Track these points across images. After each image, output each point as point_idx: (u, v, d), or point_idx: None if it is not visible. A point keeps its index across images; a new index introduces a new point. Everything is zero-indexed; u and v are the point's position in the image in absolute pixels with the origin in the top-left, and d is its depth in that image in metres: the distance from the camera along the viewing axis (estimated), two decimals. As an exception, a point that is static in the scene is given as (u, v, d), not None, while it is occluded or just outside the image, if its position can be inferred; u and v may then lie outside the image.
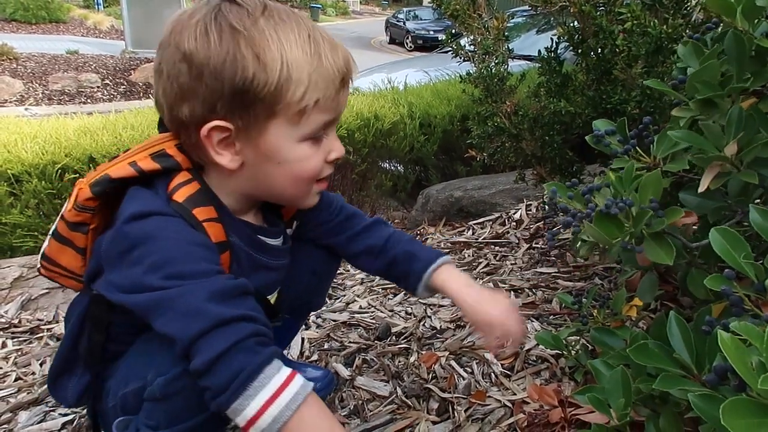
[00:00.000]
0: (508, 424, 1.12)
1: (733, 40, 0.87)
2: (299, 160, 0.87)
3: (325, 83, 0.84)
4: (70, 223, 0.87)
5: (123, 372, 0.90)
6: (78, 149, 2.36)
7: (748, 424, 0.52)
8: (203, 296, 0.75)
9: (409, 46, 19.40)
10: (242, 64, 0.78)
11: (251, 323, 0.77)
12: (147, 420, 0.83)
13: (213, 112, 0.81)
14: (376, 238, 1.09)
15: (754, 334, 0.57)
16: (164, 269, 0.76)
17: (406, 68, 5.57)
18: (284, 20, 0.82)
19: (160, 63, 0.83)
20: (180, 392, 0.80)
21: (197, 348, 0.74)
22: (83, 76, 8.82)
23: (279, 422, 0.74)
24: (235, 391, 0.73)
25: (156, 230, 0.79)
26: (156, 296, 0.76)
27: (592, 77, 1.66)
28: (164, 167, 0.86)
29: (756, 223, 0.78)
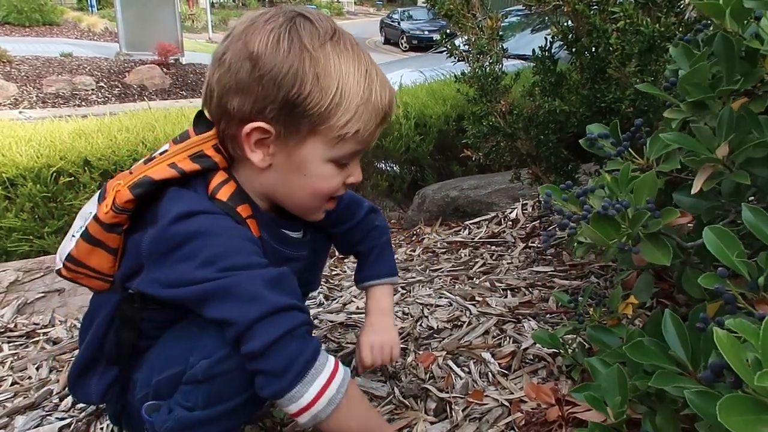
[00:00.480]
0: (506, 423, 1.12)
1: (722, 42, 0.88)
2: (322, 177, 0.93)
3: (369, 117, 0.91)
4: (106, 225, 0.89)
5: (156, 361, 0.94)
6: (73, 152, 2.36)
7: (745, 421, 0.53)
8: (260, 284, 0.81)
9: (404, 46, 19.42)
10: (302, 80, 0.84)
11: (302, 313, 0.84)
12: (183, 402, 0.87)
13: (261, 113, 0.86)
14: (362, 229, 1.21)
15: (749, 330, 0.58)
16: (218, 263, 0.81)
17: (401, 68, 5.59)
18: (348, 50, 0.89)
19: (224, 53, 0.88)
20: (222, 374, 0.85)
21: (253, 332, 0.79)
22: (77, 79, 8.79)
23: (333, 404, 0.83)
24: (294, 377, 0.80)
25: (205, 228, 0.84)
26: (212, 286, 0.80)
27: (586, 76, 1.67)
28: (204, 168, 0.90)
29: (748, 221, 0.79)
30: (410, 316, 1.62)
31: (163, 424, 0.88)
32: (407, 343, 1.47)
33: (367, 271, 1.21)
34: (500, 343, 1.41)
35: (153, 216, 0.87)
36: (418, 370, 1.34)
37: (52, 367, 1.52)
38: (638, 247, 0.92)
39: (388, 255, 1.24)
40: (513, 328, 1.46)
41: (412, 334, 1.50)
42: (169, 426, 0.87)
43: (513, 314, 1.53)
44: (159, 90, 9.10)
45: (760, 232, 0.78)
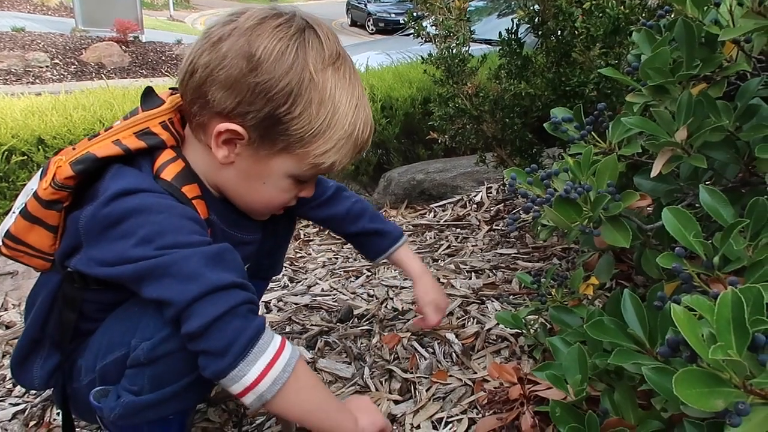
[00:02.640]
0: (469, 402, 1.14)
1: (683, 27, 0.89)
2: (279, 189, 0.93)
3: (347, 151, 0.90)
4: (45, 201, 0.84)
5: (99, 345, 0.90)
6: (26, 130, 2.27)
7: (699, 393, 0.55)
8: (198, 262, 0.78)
9: (370, 28, 19.24)
10: (294, 100, 0.83)
11: (243, 291, 0.80)
12: (130, 386, 0.84)
13: (241, 116, 0.84)
14: (338, 207, 1.19)
15: (705, 307, 0.59)
16: (156, 241, 0.78)
17: (368, 51, 5.53)
18: (345, 79, 0.88)
19: (222, 39, 0.83)
20: (165, 356, 0.82)
21: (192, 311, 0.76)
22: (30, 55, 8.43)
23: (278, 384, 0.80)
24: (236, 356, 0.77)
25: (145, 205, 0.81)
26: (149, 264, 0.77)
27: (551, 59, 1.68)
28: (150, 145, 0.87)
29: (706, 203, 0.81)
30: (375, 298, 1.62)
31: (111, 411, 0.84)
32: (372, 324, 1.47)
33: (385, 241, 1.22)
34: (464, 324, 1.43)
35: (93, 193, 0.83)
36: (383, 351, 1.34)
37: (5, 352, 1.47)
38: (599, 230, 0.94)
39: (384, 220, 1.25)
40: (477, 309, 1.48)
41: (377, 315, 1.51)
42: (118, 412, 0.84)
43: (477, 295, 1.55)
44: (118, 68, 8.80)
45: (717, 214, 0.80)
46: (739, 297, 0.57)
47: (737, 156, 0.93)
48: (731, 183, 0.97)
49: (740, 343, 0.55)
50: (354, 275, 1.83)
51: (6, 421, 1.24)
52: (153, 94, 0.92)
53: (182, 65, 0.88)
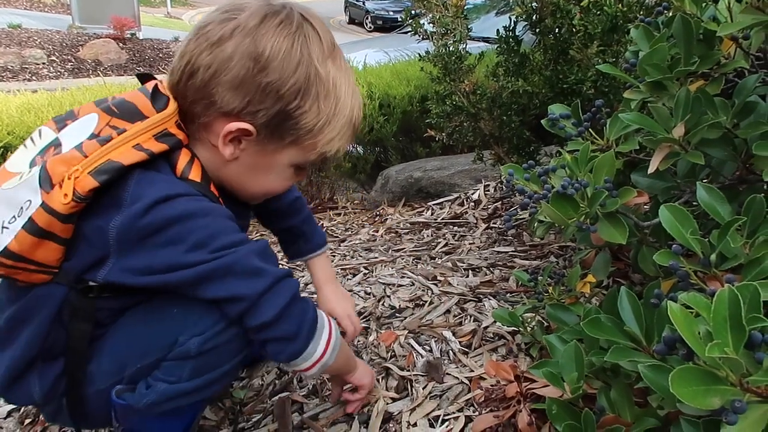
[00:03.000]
0: (466, 399, 1.14)
1: (681, 23, 0.89)
2: (281, 178, 0.95)
3: (347, 136, 0.94)
4: (64, 216, 0.77)
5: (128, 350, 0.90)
6: (21, 127, 2.26)
7: (695, 392, 0.54)
8: (255, 259, 0.83)
9: (368, 26, 19.21)
10: (305, 96, 0.85)
11: (294, 278, 0.88)
12: (165, 377, 0.88)
13: (251, 115, 0.84)
14: (283, 199, 1.19)
15: (702, 304, 0.59)
16: (210, 245, 0.81)
17: (366, 48, 5.53)
18: (342, 68, 0.90)
19: (223, 40, 0.83)
20: (215, 348, 0.87)
21: (262, 303, 0.83)
22: (27, 52, 8.40)
23: (336, 350, 0.93)
24: (306, 337, 0.87)
25: (189, 211, 0.81)
26: (208, 267, 0.80)
27: (549, 57, 1.68)
28: (170, 147, 0.85)
29: (703, 200, 0.81)
30: (372, 296, 1.62)
31: (142, 399, 0.87)
32: (369, 322, 1.47)
33: (307, 245, 1.23)
34: (461, 321, 1.42)
35: (115, 201, 0.79)
36: (379, 348, 1.34)
37: (1, 350, 1.46)
38: (596, 226, 0.93)
39: (316, 224, 1.26)
40: (474, 307, 1.48)
41: (374, 313, 1.50)
42: (151, 399, 0.87)
43: (474, 293, 1.55)
44: (115, 65, 8.78)
45: (714, 211, 0.80)
46: (736, 295, 0.57)
47: (735, 153, 0.93)
48: (728, 180, 0.97)
49: (737, 341, 0.55)
50: (351, 273, 1.82)
51: (1, 419, 1.23)
52: (159, 92, 0.88)
53: (176, 65, 0.86)
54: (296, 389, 1.24)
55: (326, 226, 2.50)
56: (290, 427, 1.12)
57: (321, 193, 2.98)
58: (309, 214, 1.25)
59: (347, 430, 1.10)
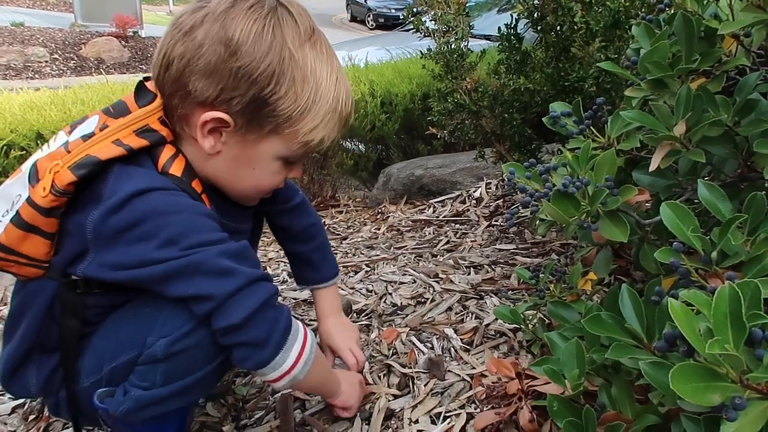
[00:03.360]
0: (467, 396, 1.14)
1: (682, 21, 0.89)
2: (269, 173, 0.92)
3: (333, 126, 0.90)
4: (45, 209, 0.79)
5: (105, 347, 0.89)
6: (24, 125, 2.27)
7: (696, 388, 0.55)
8: (227, 259, 0.80)
9: (370, 24, 19.19)
10: (278, 80, 0.82)
11: (270, 283, 0.84)
12: (140, 381, 0.85)
13: (225, 103, 0.82)
14: (296, 223, 1.19)
15: (702, 301, 0.59)
16: (181, 242, 0.79)
17: (368, 46, 5.52)
18: (323, 53, 0.87)
19: (194, 28, 0.82)
20: (183, 351, 0.83)
21: (230, 305, 0.79)
22: (30, 50, 8.42)
23: (308, 364, 0.88)
24: (276, 346, 0.83)
25: (162, 206, 0.80)
26: (178, 263, 0.78)
27: (550, 54, 1.68)
28: (151, 142, 0.85)
29: (704, 197, 0.81)
30: (374, 293, 1.62)
31: (119, 406, 0.85)
32: (371, 319, 1.47)
33: (314, 275, 1.21)
34: (463, 319, 1.43)
35: (95, 196, 0.80)
36: (381, 346, 1.35)
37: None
38: (597, 224, 0.93)
39: (329, 254, 1.24)
40: (475, 305, 1.48)
41: (376, 311, 1.51)
42: (127, 407, 0.85)
43: (476, 291, 1.55)
44: (117, 63, 8.79)
45: (715, 208, 0.80)
46: (737, 291, 0.57)
47: (736, 151, 0.93)
48: (730, 178, 0.97)
49: (737, 338, 0.55)
50: (353, 270, 1.83)
51: (5, 415, 1.24)
52: (145, 89, 0.89)
53: (154, 59, 0.86)
54: (298, 386, 1.25)
55: (328, 223, 2.51)
56: (292, 424, 1.12)
57: (323, 191, 2.99)
58: (323, 243, 1.22)
59: (349, 427, 1.11)
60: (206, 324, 0.82)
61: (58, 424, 1.20)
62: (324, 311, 1.21)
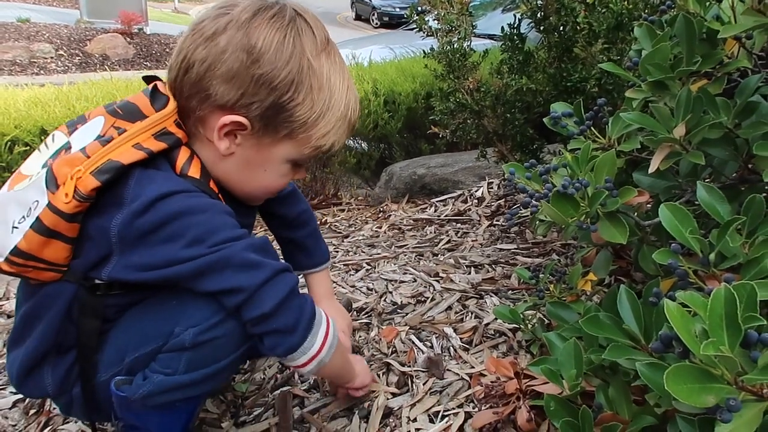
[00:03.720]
0: (466, 396, 1.14)
1: (684, 23, 0.89)
2: (278, 175, 0.96)
3: (343, 132, 0.95)
4: (68, 215, 0.80)
5: (128, 339, 0.92)
6: (28, 121, 2.28)
7: (690, 389, 0.55)
8: (254, 252, 0.84)
9: (375, 22, 19.19)
10: (298, 88, 0.86)
11: (293, 273, 0.88)
12: (162, 368, 0.88)
13: (244, 108, 0.85)
14: (289, 211, 1.21)
15: (698, 302, 0.59)
16: (208, 240, 0.82)
17: (371, 45, 5.52)
18: (336, 63, 0.92)
19: (217, 33, 0.84)
20: (210, 341, 0.87)
21: (261, 295, 0.83)
22: (35, 46, 8.45)
23: (333, 348, 0.92)
24: (305, 330, 0.87)
25: (187, 207, 0.82)
26: (207, 260, 0.81)
27: (553, 55, 1.68)
28: (169, 145, 0.87)
29: (703, 200, 0.81)
30: (374, 292, 1.63)
31: (137, 390, 0.88)
32: (371, 318, 1.47)
33: (308, 260, 1.24)
34: (462, 318, 1.43)
35: (116, 200, 0.82)
36: (381, 344, 1.35)
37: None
38: (596, 225, 0.94)
39: (321, 240, 1.26)
40: (475, 304, 1.48)
41: (376, 309, 1.51)
42: (147, 390, 0.88)
43: (476, 290, 1.55)
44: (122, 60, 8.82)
45: (714, 210, 0.80)
46: (732, 293, 0.57)
47: (736, 153, 0.92)
48: (730, 180, 0.97)
49: (732, 340, 0.56)
50: (354, 269, 1.83)
51: (6, 409, 1.25)
52: (158, 92, 0.90)
53: (173, 61, 0.88)
54: (297, 383, 1.25)
55: (330, 221, 2.51)
56: (291, 421, 1.13)
57: (325, 189, 2.99)
58: (315, 229, 1.25)
59: (347, 424, 1.11)
60: (234, 315, 0.85)
61: (58, 419, 1.21)
62: (318, 294, 1.23)
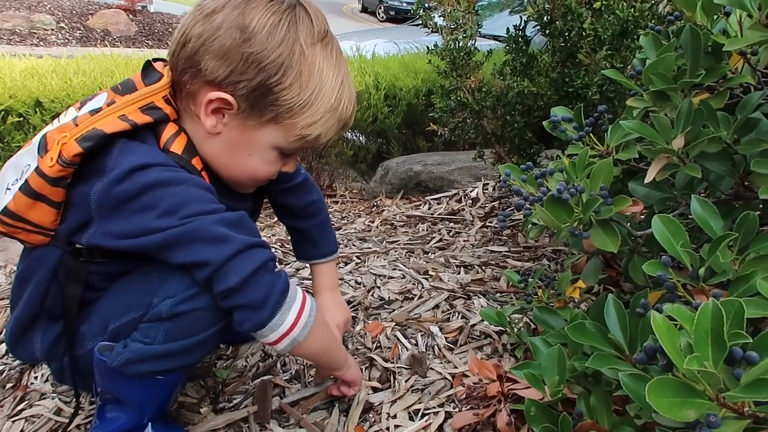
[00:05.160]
0: (447, 395, 1.14)
1: (690, 34, 0.88)
2: (264, 162, 0.95)
3: (331, 125, 0.94)
4: (52, 179, 0.84)
5: (112, 309, 0.93)
6: (24, 91, 2.25)
7: (672, 403, 0.54)
8: (225, 226, 0.83)
9: (381, 16, 19.11)
10: (285, 71, 0.86)
11: (267, 249, 0.87)
12: (141, 337, 0.89)
13: (232, 85, 0.86)
14: (297, 201, 1.20)
15: (685, 316, 0.59)
16: (180, 211, 0.82)
17: (376, 38, 5.49)
18: (332, 56, 0.92)
19: (215, 11, 0.86)
20: (186, 313, 0.87)
21: (228, 268, 0.82)
22: (36, 17, 8.36)
23: (308, 327, 0.90)
24: (274, 306, 0.85)
25: (163, 179, 0.83)
26: (177, 231, 0.81)
27: (557, 59, 1.67)
28: (155, 119, 0.89)
29: (696, 213, 0.81)
30: (362, 286, 1.62)
31: (117, 357, 0.89)
32: (357, 312, 1.47)
33: (313, 251, 1.23)
34: (449, 317, 1.42)
35: (99, 168, 0.84)
36: (365, 339, 1.34)
37: (-12, 313, 1.46)
38: (589, 233, 0.93)
39: (330, 231, 1.26)
40: (463, 304, 1.48)
41: (363, 303, 1.50)
42: (125, 358, 0.89)
43: (464, 290, 1.55)
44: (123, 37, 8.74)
45: (706, 225, 0.80)
46: (720, 309, 0.56)
47: (733, 169, 0.92)
48: (725, 195, 0.96)
49: (717, 356, 0.55)
50: (343, 261, 1.82)
51: (-18, 381, 1.23)
52: (152, 68, 0.93)
53: (174, 38, 0.90)
54: (279, 373, 1.24)
55: (323, 213, 2.50)
56: (269, 410, 1.12)
57: (320, 180, 2.98)
58: (324, 220, 1.24)
59: (327, 417, 1.11)
60: (209, 289, 0.85)
61: (35, 394, 1.20)
62: (320, 286, 1.23)
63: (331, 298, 1.22)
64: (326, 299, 1.21)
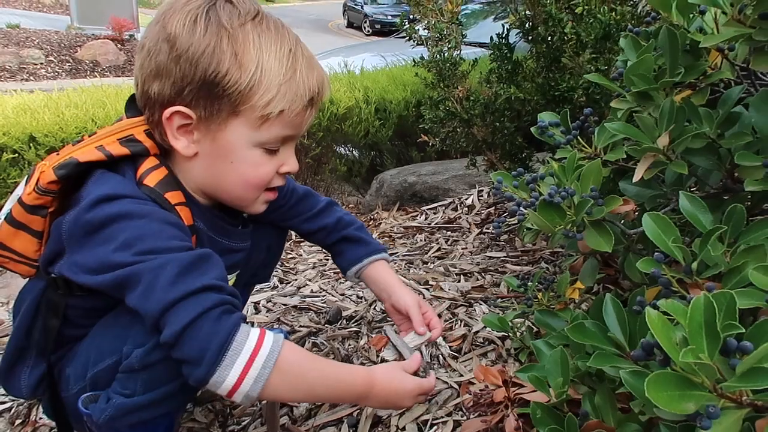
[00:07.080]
0: (455, 404, 1.15)
1: (667, 34, 0.90)
2: (250, 164, 0.91)
3: (293, 97, 0.88)
4: (29, 207, 0.84)
5: (89, 353, 0.90)
6: (17, 128, 2.26)
7: (670, 396, 0.55)
8: (172, 270, 0.77)
9: (366, 30, 19.25)
10: (219, 59, 0.83)
11: (216, 293, 0.79)
12: (121, 389, 0.85)
13: (180, 96, 0.85)
14: (328, 220, 1.18)
15: (679, 310, 0.60)
16: (136, 246, 0.78)
17: (363, 52, 5.54)
18: (270, 30, 0.88)
19: (145, 38, 0.87)
20: (159, 362, 0.82)
21: (165, 321, 0.76)
22: (25, 52, 8.41)
23: (261, 380, 0.78)
24: (211, 363, 0.76)
25: (126, 211, 0.81)
26: (126, 271, 0.77)
27: (541, 65, 1.69)
28: (133, 152, 0.88)
29: (685, 209, 0.82)
30: (364, 300, 1.63)
31: (102, 413, 0.85)
32: (360, 326, 1.48)
33: (363, 249, 1.18)
34: (452, 326, 1.43)
35: (77, 198, 0.84)
36: (370, 352, 1.35)
37: (-7, 350, 1.46)
38: (582, 234, 0.94)
39: (368, 236, 1.22)
40: (465, 312, 1.49)
41: (366, 317, 1.51)
42: (109, 414, 0.85)
43: (465, 298, 1.56)
44: (113, 66, 8.79)
45: (696, 220, 0.81)
46: (711, 302, 0.58)
47: (719, 163, 0.94)
48: (714, 189, 0.98)
49: (711, 347, 0.56)
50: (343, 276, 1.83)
51: (-8, 419, 1.24)
52: (135, 101, 0.93)
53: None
54: (286, 392, 1.25)
55: (320, 229, 2.51)
56: (278, 430, 1.13)
57: (316, 197, 2.99)
58: (362, 225, 1.22)
59: (336, 433, 1.11)
60: None
61: (44, 429, 1.20)
62: (390, 284, 1.17)
63: (408, 291, 1.16)
64: (406, 292, 1.15)
